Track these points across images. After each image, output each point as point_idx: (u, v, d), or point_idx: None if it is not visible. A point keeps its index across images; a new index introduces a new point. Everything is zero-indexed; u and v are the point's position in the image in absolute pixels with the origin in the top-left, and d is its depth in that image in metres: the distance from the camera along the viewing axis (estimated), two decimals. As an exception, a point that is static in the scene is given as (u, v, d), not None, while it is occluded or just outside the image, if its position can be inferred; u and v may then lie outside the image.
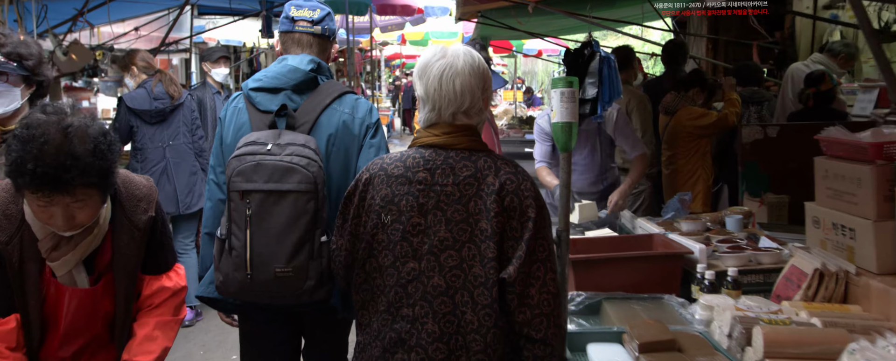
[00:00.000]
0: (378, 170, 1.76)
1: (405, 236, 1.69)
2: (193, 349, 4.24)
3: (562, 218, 1.90)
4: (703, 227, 2.97)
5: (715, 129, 4.39)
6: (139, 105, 4.43)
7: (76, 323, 1.85)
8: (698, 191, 4.34)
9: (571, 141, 1.89)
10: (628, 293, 2.36)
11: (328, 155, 2.13)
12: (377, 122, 2.23)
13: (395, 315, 1.70)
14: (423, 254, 1.67)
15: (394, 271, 1.70)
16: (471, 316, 1.65)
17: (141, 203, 1.88)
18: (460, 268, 1.66)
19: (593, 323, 2.25)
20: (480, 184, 1.67)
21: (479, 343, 1.65)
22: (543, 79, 24.92)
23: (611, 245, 2.70)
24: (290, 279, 1.95)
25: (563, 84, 1.88)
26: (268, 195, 1.93)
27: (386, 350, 1.70)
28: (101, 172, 1.63)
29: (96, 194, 1.66)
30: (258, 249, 1.94)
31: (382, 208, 1.71)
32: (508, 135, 7.68)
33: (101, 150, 1.63)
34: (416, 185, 1.70)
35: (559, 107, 1.88)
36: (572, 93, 1.88)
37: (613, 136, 3.70)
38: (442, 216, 1.67)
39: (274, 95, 2.17)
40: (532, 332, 1.65)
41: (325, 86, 2.20)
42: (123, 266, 1.86)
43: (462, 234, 1.66)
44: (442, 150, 1.73)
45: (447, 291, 1.66)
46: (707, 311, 2.11)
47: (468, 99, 1.73)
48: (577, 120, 1.90)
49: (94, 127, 1.65)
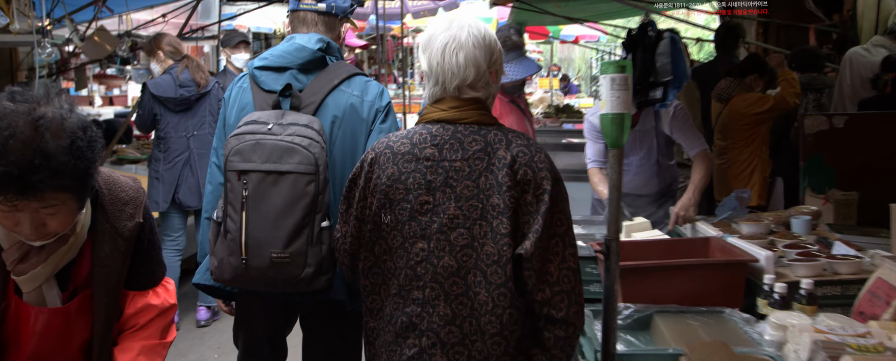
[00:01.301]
0: (384, 148, 1.69)
1: (413, 215, 1.62)
2: (208, 352, 4.06)
3: (612, 224, 1.63)
4: (766, 230, 2.66)
5: (773, 113, 4.05)
6: (163, 92, 4.24)
7: (43, 349, 1.57)
8: (754, 185, 4.01)
9: (623, 135, 1.62)
10: (683, 305, 2.08)
11: (333, 138, 2.04)
12: (388, 106, 2.11)
13: (406, 299, 1.63)
14: (433, 234, 1.60)
15: (403, 252, 1.63)
16: (485, 297, 1.57)
17: (126, 207, 1.62)
18: (471, 247, 1.58)
19: (644, 341, 1.98)
20: (491, 159, 1.60)
21: (495, 324, 1.57)
22: (580, 67, 24.40)
23: (661, 250, 2.42)
24: (286, 265, 1.85)
25: (613, 69, 1.61)
26: (266, 175, 1.84)
27: (398, 335, 1.64)
28: (78, 174, 1.38)
29: (71, 200, 1.40)
30: (254, 233, 1.85)
31: (389, 187, 1.64)
32: (544, 124, 7.33)
33: (79, 148, 1.37)
34: (424, 162, 1.63)
35: (609, 97, 1.61)
36: (625, 80, 1.60)
37: (670, 133, 3.28)
38: (451, 193, 1.60)
39: (279, 75, 2.07)
40: (552, 311, 1.57)
41: (333, 67, 2.10)
42: (104, 281, 1.60)
43: (473, 211, 1.58)
44: (450, 125, 1.65)
45: (458, 271, 1.59)
46: (779, 331, 1.82)
47: (473, 72, 1.65)
48: (631, 110, 1.63)
49: (72, 119, 1.39)
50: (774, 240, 2.53)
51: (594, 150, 3.50)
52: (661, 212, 3.43)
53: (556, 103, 10.91)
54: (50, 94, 1.41)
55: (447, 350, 1.59)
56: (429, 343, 1.60)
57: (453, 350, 1.59)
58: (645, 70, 3.00)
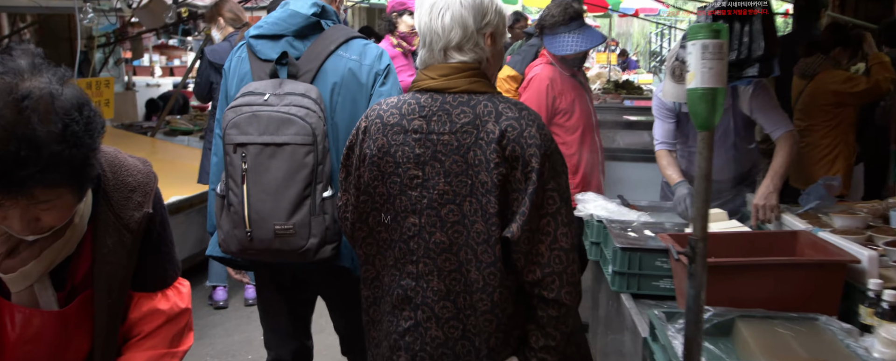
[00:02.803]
0: (375, 117, 1.64)
1: (403, 189, 1.59)
2: (254, 333, 3.93)
3: (698, 221, 1.38)
4: (863, 224, 2.36)
5: (864, 99, 3.67)
6: (220, 59, 4.08)
7: (34, 359, 1.35)
8: (837, 172, 3.65)
9: (715, 115, 1.37)
10: (769, 310, 1.83)
11: (333, 104, 2.00)
12: (387, 69, 2.05)
13: (401, 271, 1.62)
14: (423, 209, 1.57)
15: (396, 226, 1.61)
16: (476, 275, 1.55)
17: (134, 194, 1.39)
18: (462, 224, 1.55)
19: (725, 350, 1.74)
20: (480, 132, 1.53)
21: (486, 302, 1.55)
22: (639, 41, 23.61)
23: (742, 244, 2.15)
24: (291, 236, 1.86)
25: (705, 33, 1.35)
26: (263, 148, 1.84)
27: (394, 307, 1.64)
28: (74, 165, 1.14)
29: (68, 193, 1.18)
30: (256, 205, 1.86)
31: (380, 159, 1.60)
32: (604, 100, 6.98)
33: (75, 133, 1.12)
34: (412, 134, 1.58)
35: (700, 67, 1.35)
36: (719, 48, 1.34)
37: (750, 113, 2.92)
38: (440, 167, 1.55)
39: (275, 42, 2.03)
40: (544, 292, 1.53)
41: (330, 32, 2.05)
42: (107, 280, 1.37)
43: (462, 187, 1.54)
44: (438, 95, 1.59)
45: (450, 247, 1.56)
46: (891, 348, 1.56)
47: (459, 33, 1.57)
48: (725, 84, 1.37)
49: (65, 96, 1.13)
50: (873, 236, 2.23)
51: (662, 130, 3.19)
52: (738, 201, 3.13)
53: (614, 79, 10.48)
54: (36, 64, 1.16)
55: (442, 323, 1.58)
56: (424, 317, 1.59)
57: (448, 325, 1.58)
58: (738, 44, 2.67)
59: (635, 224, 2.66)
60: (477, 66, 1.60)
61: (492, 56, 1.64)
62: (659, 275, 2.31)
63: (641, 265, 2.31)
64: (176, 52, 13.96)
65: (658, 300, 2.30)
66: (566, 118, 3.44)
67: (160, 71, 14.61)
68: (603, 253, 2.65)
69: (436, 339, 1.59)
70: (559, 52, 3.37)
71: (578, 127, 3.45)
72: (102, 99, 5.70)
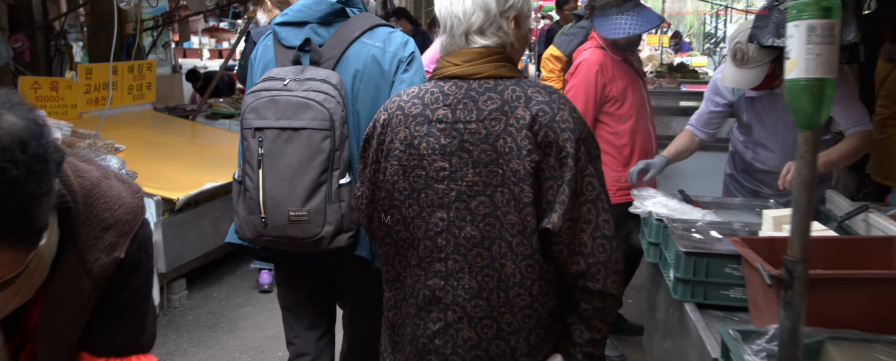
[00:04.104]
0: (395, 108, 1.57)
1: (429, 183, 1.51)
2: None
3: (797, 238, 1.15)
4: (971, 230, 2.07)
5: None
6: None
7: None
8: (923, 166, 3.31)
9: (822, 111, 1.14)
10: (865, 332, 1.58)
11: (356, 92, 1.98)
12: (411, 56, 2.02)
13: (427, 271, 1.54)
14: (452, 202, 1.50)
15: (421, 222, 1.53)
16: (512, 268, 1.47)
17: (108, 234, 1.10)
18: (494, 216, 1.47)
19: (812, 378, 1.51)
20: (509, 119, 1.46)
21: (524, 297, 1.48)
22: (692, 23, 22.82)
23: (827, 252, 1.89)
24: (305, 223, 1.85)
25: (812, 12, 1.11)
26: (280, 132, 1.83)
27: (421, 309, 1.56)
28: (11, 219, 0.87)
29: (5, 250, 0.91)
30: (271, 191, 1.85)
31: (402, 152, 1.53)
32: (660, 85, 6.60)
33: (12, 179, 0.85)
34: (436, 124, 1.51)
35: (803, 54, 1.12)
36: (829, 30, 1.11)
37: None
38: (468, 158, 1.48)
39: (299, 29, 2.02)
40: (589, 283, 1.47)
41: (355, 19, 2.04)
42: (49, 333, 1.11)
43: (492, 177, 1.46)
44: (463, 82, 1.52)
45: (482, 242, 1.48)
46: None
47: (480, 16, 1.50)
48: (834, 74, 1.13)
49: (4, 130, 0.86)
50: (982, 245, 1.94)
51: (699, 112, 2.97)
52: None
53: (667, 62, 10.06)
54: None
55: (475, 323, 1.51)
56: (455, 318, 1.52)
57: (481, 324, 1.50)
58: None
59: (700, 223, 2.42)
60: (501, 51, 1.54)
61: (516, 40, 1.56)
62: (728, 284, 2.08)
63: (708, 272, 2.08)
64: (225, 35, 14.00)
65: (727, 311, 2.07)
66: (617, 106, 3.18)
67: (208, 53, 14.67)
68: (663, 256, 2.41)
69: (468, 340, 1.52)
70: (611, 36, 3.11)
71: (631, 115, 3.20)
72: (144, 82, 5.67)
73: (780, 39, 2.52)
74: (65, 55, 7.39)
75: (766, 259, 1.85)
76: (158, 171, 4.12)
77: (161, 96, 7.64)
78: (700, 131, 2.97)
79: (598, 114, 3.20)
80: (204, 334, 3.68)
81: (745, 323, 2.00)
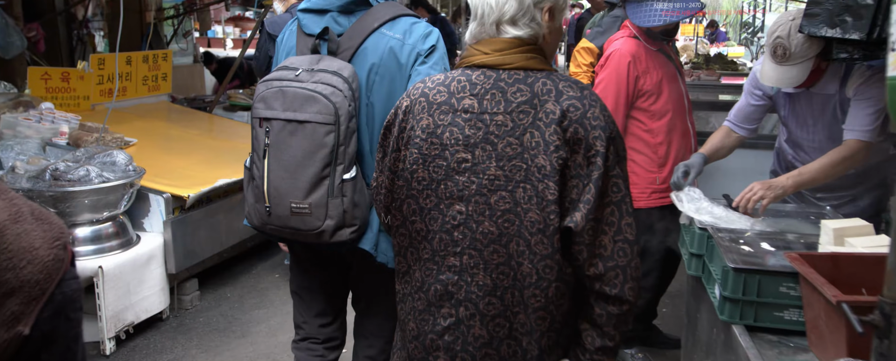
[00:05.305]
0: (419, 95, 1.53)
1: (449, 174, 1.47)
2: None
3: (892, 277, 0.91)
4: None
5: None
6: (278, 30, 3.80)
7: None
8: None
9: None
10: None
11: (371, 84, 1.95)
12: (431, 49, 1.96)
13: (440, 265, 1.50)
14: (471, 196, 1.46)
15: (438, 214, 1.49)
16: (528, 268, 1.43)
17: (10, 300, 0.86)
18: (514, 212, 1.43)
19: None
20: (538, 112, 1.42)
21: (539, 298, 1.44)
22: (729, 11, 22.19)
23: None
24: (306, 216, 1.86)
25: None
26: (286, 124, 1.84)
27: (430, 304, 1.52)
28: None
29: None
30: (275, 181, 1.87)
31: (423, 141, 1.49)
32: (698, 77, 6.24)
33: None
34: (462, 114, 1.47)
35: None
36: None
37: (851, 96, 2.39)
38: (492, 150, 1.44)
39: (320, 17, 1.99)
40: (605, 287, 1.43)
41: (377, 8, 1.99)
42: None
43: (516, 172, 1.42)
44: (491, 71, 1.47)
45: (499, 238, 1.44)
46: None
47: (514, 6, 1.45)
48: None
49: None
50: None
51: (737, 106, 2.74)
52: (862, 202, 2.58)
53: (702, 52, 9.69)
54: None
55: (486, 321, 1.47)
56: (467, 314, 1.48)
57: (493, 323, 1.47)
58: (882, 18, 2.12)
59: (749, 234, 2.17)
60: (533, 42, 1.49)
61: (549, 33, 1.51)
62: (783, 305, 1.84)
63: (760, 291, 1.85)
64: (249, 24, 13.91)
65: (781, 334, 1.84)
66: (651, 101, 2.91)
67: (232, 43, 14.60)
68: (706, 268, 2.17)
69: (479, 338, 1.48)
70: (646, 24, 2.84)
71: (667, 111, 2.93)
72: (160, 72, 5.53)
73: (833, 29, 2.25)
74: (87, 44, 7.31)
75: (829, 278, 1.62)
76: (169, 166, 3.97)
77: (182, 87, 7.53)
78: (738, 127, 2.75)
79: (630, 109, 2.93)
80: (214, 339, 3.52)
81: (803, 351, 1.78)
